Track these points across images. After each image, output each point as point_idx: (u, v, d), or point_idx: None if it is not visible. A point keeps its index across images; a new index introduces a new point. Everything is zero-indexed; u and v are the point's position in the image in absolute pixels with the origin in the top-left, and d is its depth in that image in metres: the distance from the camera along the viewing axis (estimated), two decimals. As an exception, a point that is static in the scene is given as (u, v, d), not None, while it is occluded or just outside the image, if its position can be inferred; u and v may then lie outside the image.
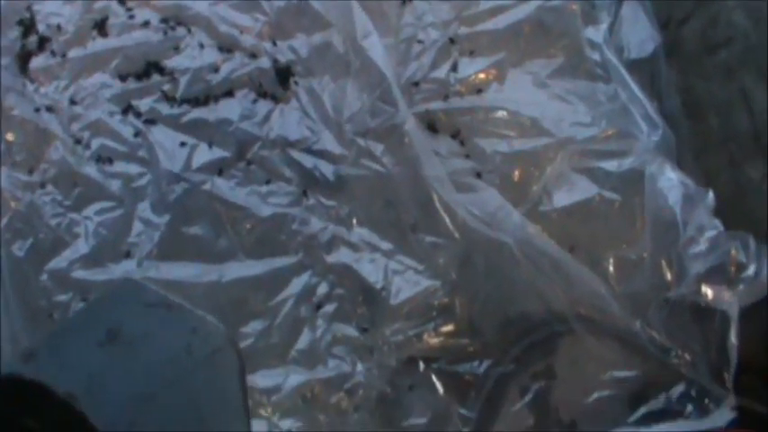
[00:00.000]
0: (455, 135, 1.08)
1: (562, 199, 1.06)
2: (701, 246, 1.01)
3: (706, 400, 0.98)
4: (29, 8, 1.08)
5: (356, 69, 1.05)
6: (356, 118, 1.04)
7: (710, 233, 1.02)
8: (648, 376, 1.01)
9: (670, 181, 1.05)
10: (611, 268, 1.04)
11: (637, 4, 1.18)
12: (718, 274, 1.01)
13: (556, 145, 1.07)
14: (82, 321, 0.61)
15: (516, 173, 1.06)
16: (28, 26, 1.09)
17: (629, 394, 1.00)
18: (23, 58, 1.08)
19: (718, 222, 1.02)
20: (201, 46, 1.08)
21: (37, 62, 1.09)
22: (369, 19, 1.06)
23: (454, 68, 1.11)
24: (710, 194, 1.04)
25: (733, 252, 1.00)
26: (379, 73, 1.04)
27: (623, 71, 1.12)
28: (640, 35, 1.17)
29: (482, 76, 1.10)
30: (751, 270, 0.99)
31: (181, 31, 1.09)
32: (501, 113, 1.08)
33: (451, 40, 1.12)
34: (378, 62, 1.03)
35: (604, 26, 1.16)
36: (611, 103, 1.11)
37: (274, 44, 1.09)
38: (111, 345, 0.53)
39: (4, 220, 1.02)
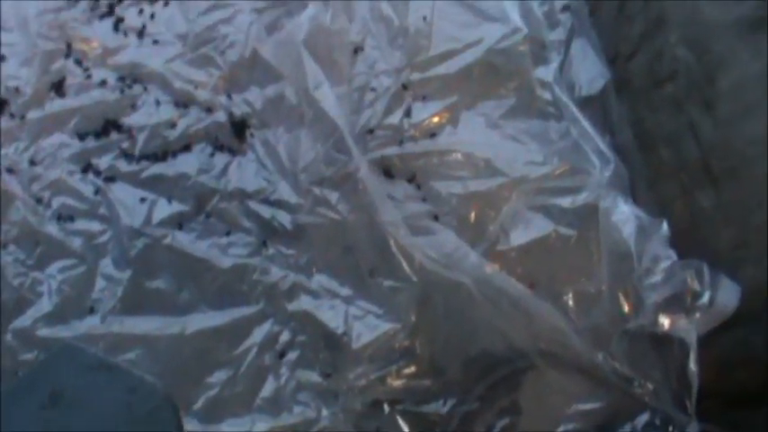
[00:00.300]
0: (411, 179, 1.12)
1: (519, 237, 1.10)
2: (657, 276, 1.06)
3: (670, 428, 1.02)
4: (-13, 72, 1.11)
5: (309, 120, 1.10)
6: (311, 167, 1.08)
7: (665, 263, 1.06)
8: (613, 407, 1.04)
9: (624, 214, 1.10)
10: (570, 302, 1.08)
11: (585, 42, 1.23)
12: (674, 303, 1.05)
13: (510, 184, 1.11)
14: (24, 386, 0.64)
15: (473, 214, 1.11)
16: (-14, 90, 1.11)
17: (594, 426, 1.04)
18: (-18, 122, 1.09)
19: (672, 252, 1.06)
20: (158, 102, 1.13)
21: (-4, 125, 1.10)
22: (320, 69, 1.10)
23: (408, 114, 1.15)
24: (665, 225, 1.08)
25: (688, 281, 1.04)
26: (331, 122, 1.08)
27: (574, 108, 1.17)
28: (590, 72, 1.23)
29: (435, 119, 1.15)
30: (706, 298, 1.04)
31: (137, 88, 1.14)
32: (455, 156, 1.13)
33: (404, 86, 1.17)
34: (330, 112, 1.08)
35: (554, 65, 1.21)
36: (564, 140, 1.16)
37: (229, 97, 1.13)
38: (54, 408, 0.57)
39: (-32, 282, 1.03)
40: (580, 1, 1.26)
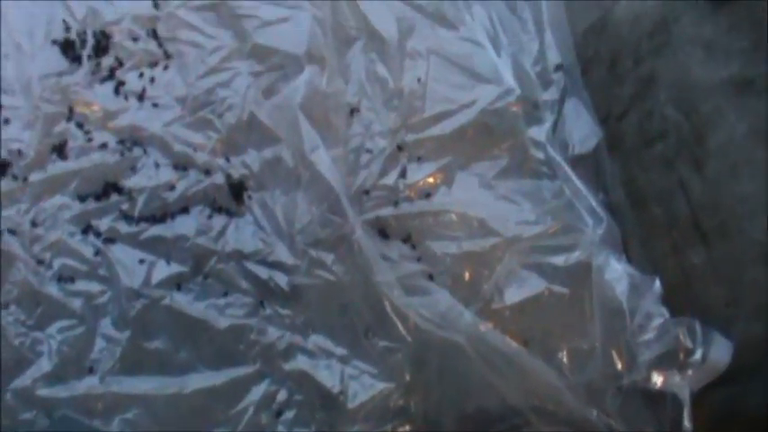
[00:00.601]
0: (406, 239, 1.17)
1: (513, 295, 1.15)
2: (650, 333, 1.11)
3: (665, 485, 1.05)
4: (-10, 135, 1.16)
5: (306, 182, 1.15)
6: (307, 229, 1.14)
7: (658, 320, 1.11)
8: (606, 463, 1.08)
9: (616, 272, 1.15)
10: (564, 360, 1.12)
11: (578, 101, 1.29)
12: (667, 359, 1.10)
13: (504, 244, 1.16)
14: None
15: (467, 273, 1.16)
16: (-11, 153, 1.16)
17: (589, 483, 1.07)
18: (-14, 184, 1.15)
19: (664, 310, 1.11)
20: (157, 165, 1.18)
21: (-1, 186, 1.15)
22: (316, 132, 1.16)
23: (403, 175, 1.20)
24: (657, 283, 1.13)
25: (681, 338, 1.09)
26: (327, 185, 1.14)
27: (567, 168, 1.23)
28: (583, 131, 1.28)
29: (430, 180, 1.21)
30: (699, 354, 1.08)
31: (137, 151, 1.19)
32: (450, 216, 1.18)
33: (399, 147, 1.22)
34: (326, 175, 1.13)
35: (547, 125, 1.27)
36: (557, 199, 1.22)
37: (227, 160, 1.18)
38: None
39: (-31, 342, 1.08)
40: (572, 61, 1.31)
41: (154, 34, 1.23)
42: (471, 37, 1.28)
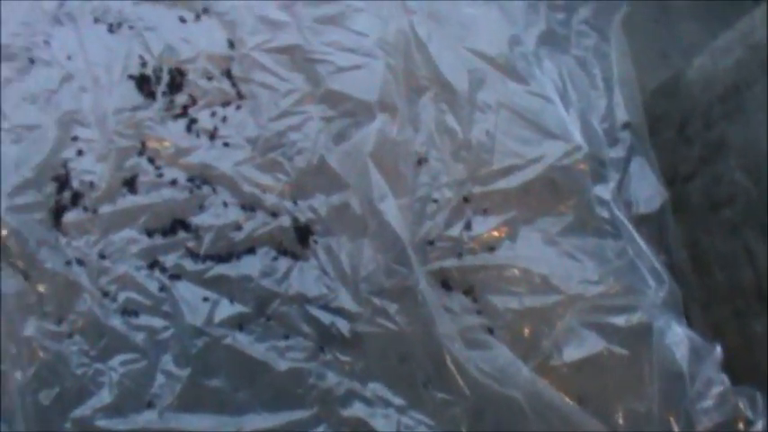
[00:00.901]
0: (468, 292, 1.20)
1: (571, 354, 1.17)
2: (709, 401, 1.12)
3: None
4: (65, 165, 1.22)
5: (373, 230, 1.18)
6: (372, 278, 1.17)
7: (718, 388, 1.13)
8: None
9: (677, 336, 1.17)
10: (620, 421, 1.14)
11: (643, 161, 1.32)
12: (726, 429, 1.10)
13: (565, 302, 1.19)
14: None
15: (527, 329, 1.18)
16: (63, 182, 1.22)
17: None
18: (57, 213, 1.20)
19: (725, 377, 1.13)
20: (225, 204, 1.22)
21: (69, 217, 1.21)
22: (385, 181, 1.20)
23: (468, 227, 1.24)
24: (718, 349, 1.15)
25: (741, 407, 1.10)
26: (394, 235, 1.17)
27: (631, 228, 1.26)
28: (648, 191, 1.31)
29: (495, 233, 1.24)
30: (759, 426, 1.09)
31: (206, 189, 1.23)
32: (513, 271, 1.21)
33: (465, 199, 1.26)
34: (393, 225, 1.17)
35: (613, 184, 1.30)
36: (620, 259, 1.24)
37: (295, 203, 1.22)
38: None
39: (32, 370, 1.13)
40: (640, 120, 1.34)
41: (228, 74, 1.27)
42: (541, 92, 1.31)
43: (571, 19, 1.39)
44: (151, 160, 1.24)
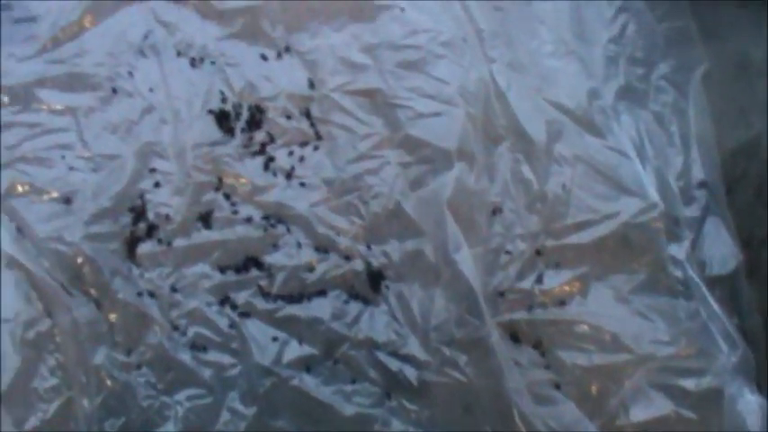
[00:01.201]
0: (536, 346, 1.21)
1: (638, 414, 1.18)
2: (779, 472, 1.12)
3: None
4: (141, 196, 1.25)
5: (446, 280, 1.20)
6: (443, 327, 1.19)
7: (789, 459, 1.11)
8: None
9: (749, 403, 1.17)
10: (686, 486, 1.12)
11: (719, 221, 1.33)
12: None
13: (635, 361, 1.20)
14: None
15: (594, 386, 1.19)
16: (139, 213, 1.25)
17: None
18: (132, 244, 1.23)
19: (797, 452, 1.12)
20: (299, 245, 1.25)
21: (144, 248, 1.24)
22: (460, 231, 1.22)
23: (539, 280, 1.25)
24: (791, 419, 1.15)
25: (810, 479, 1.09)
26: (467, 285, 1.19)
27: (704, 289, 1.26)
28: (722, 252, 1.32)
29: (566, 288, 1.25)
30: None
31: (281, 228, 1.25)
32: (583, 327, 1.22)
33: (538, 252, 1.27)
34: (467, 275, 1.19)
35: (687, 243, 1.30)
36: (692, 320, 1.25)
37: (368, 248, 1.25)
38: None
39: (99, 399, 1.16)
40: (717, 179, 1.35)
41: (307, 114, 1.30)
42: (618, 147, 1.32)
43: (650, 74, 1.40)
44: (227, 196, 1.26)
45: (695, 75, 1.43)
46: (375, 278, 1.24)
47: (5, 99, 1.29)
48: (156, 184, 1.27)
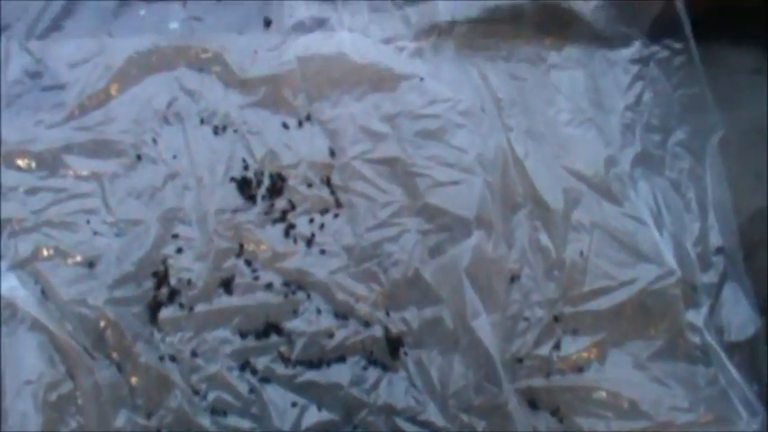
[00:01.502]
0: (555, 412, 1.23)
1: (657, 484, 1.19)
2: None
3: None
4: (164, 261, 1.29)
5: (464, 346, 1.23)
6: (461, 394, 1.21)
7: None
8: None
9: (769, 470, 1.18)
10: None
11: (737, 287, 1.36)
12: None
13: (654, 428, 1.21)
14: None
15: (613, 453, 1.21)
16: (161, 278, 1.28)
17: None
18: (154, 308, 1.27)
19: None
20: (319, 311, 1.28)
21: (166, 313, 1.27)
22: (478, 297, 1.25)
23: (557, 346, 1.27)
24: (814, 492, 1.16)
25: None
26: (485, 352, 1.21)
27: (723, 355, 1.28)
28: (740, 317, 1.34)
29: (584, 354, 1.27)
30: None
31: (301, 295, 1.29)
32: (601, 394, 1.24)
33: (556, 318, 1.29)
34: (486, 343, 1.21)
35: (705, 309, 1.33)
36: (711, 387, 1.27)
37: (387, 314, 1.28)
38: None
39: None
40: (734, 245, 1.38)
41: (328, 182, 1.34)
42: (635, 214, 1.35)
43: (667, 141, 1.44)
44: (248, 262, 1.29)
45: (711, 141, 1.45)
46: (394, 344, 1.26)
47: (33, 164, 1.33)
48: (179, 250, 1.30)
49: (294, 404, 1.20)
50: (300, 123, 1.39)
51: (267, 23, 1.49)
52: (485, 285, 1.24)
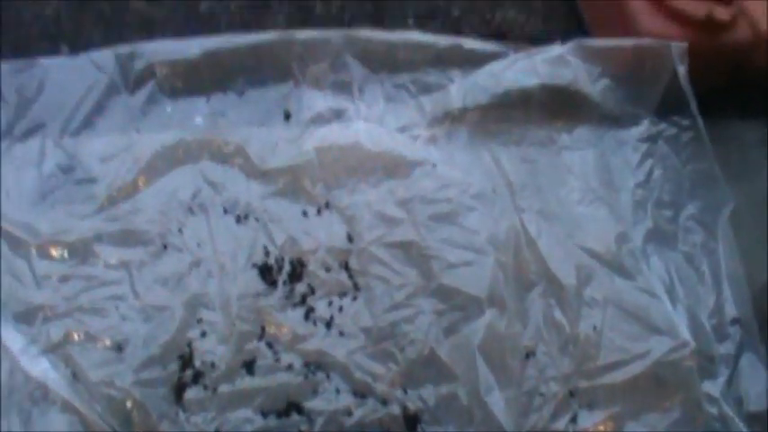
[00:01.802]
0: (573, 486, 1.25)
1: None
2: None
3: None
4: (189, 344, 1.35)
5: (478, 421, 1.27)
6: (476, 469, 1.25)
7: None
8: None
9: None
10: None
11: (755, 357, 1.39)
12: None
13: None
14: None
15: None
16: (186, 361, 1.34)
17: None
18: (179, 389, 1.32)
19: None
20: (338, 391, 1.33)
21: (190, 393, 1.32)
22: (492, 374, 1.29)
23: (573, 420, 1.31)
24: None
25: None
26: (499, 427, 1.25)
27: (741, 425, 1.31)
28: (759, 388, 1.36)
29: (600, 428, 1.30)
30: None
31: (320, 375, 1.33)
32: (618, 466, 1.26)
33: (571, 393, 1.33)
34: (499, 417, 1.26)
35: (722, 380, 1.36)
36: (730, 458, 1.29)
37: (405, 392, 1.32)
38: None
39: None
40: (750, 315, 1.42)
41: (346, 266, 1.40)
42: (648, 288, 1.40)
43: (678, 216, 1.48)
44: (270, 345, 1.35)
45: (723, 214, 1.49)
46: (411, 422, 1.30)
47: (66, 254, 1.41)
48: (203, 334, 1.36)
49: (316, 481, 1.22)
50: (319, 211, 1.46)
51: (287, 116, 1.56)
52: (498, 362, 1.28)
